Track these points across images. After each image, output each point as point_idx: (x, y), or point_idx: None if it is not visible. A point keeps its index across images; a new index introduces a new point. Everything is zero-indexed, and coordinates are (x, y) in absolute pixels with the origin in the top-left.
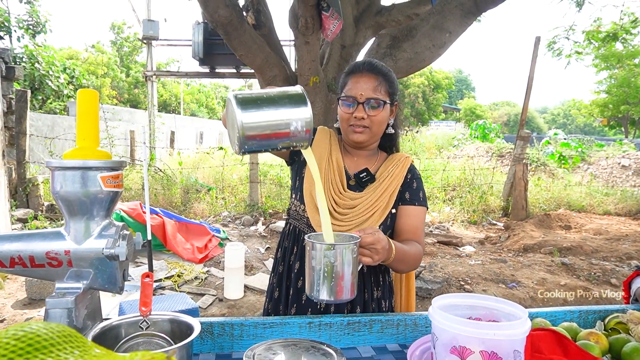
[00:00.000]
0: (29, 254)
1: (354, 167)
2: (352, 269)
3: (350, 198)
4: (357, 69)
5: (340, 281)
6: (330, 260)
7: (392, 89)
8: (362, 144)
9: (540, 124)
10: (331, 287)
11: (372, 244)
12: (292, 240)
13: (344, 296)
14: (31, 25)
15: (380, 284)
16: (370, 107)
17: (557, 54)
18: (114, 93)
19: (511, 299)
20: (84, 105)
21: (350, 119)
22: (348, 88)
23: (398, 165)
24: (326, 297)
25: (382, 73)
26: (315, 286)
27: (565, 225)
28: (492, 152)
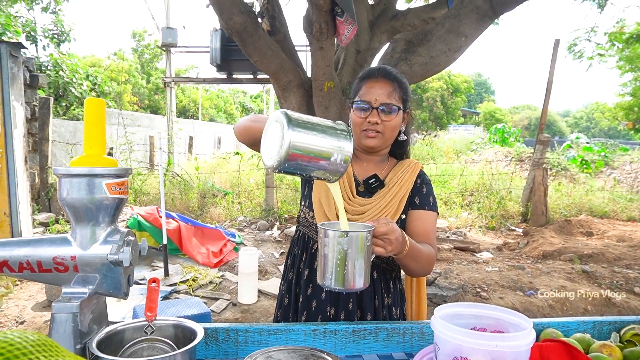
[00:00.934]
0: (37, 259)
1: (363, 173)
2: (364, 258)
3: (359, 204)
4: (371, 75)
5: (352, 269)
6: (343, 247)
7: (406, 96)
8: (374, 149)
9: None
10: (343, 276)
11: (385, 234)
12: (302, 247)
13: (356, 285)
14: (56, 34)
15: (391, 291)
16: (384, 113)
17: (578, 56)
18: (135, 99)
19: (529, 307)
20: (91, 113)
21: (363, 124)
22: (362, 93)
23: (407, 171)
24: (338, 285)
25: (396, 79)
26: (327, 274)
27: (586, 232)
28: (511, 156)
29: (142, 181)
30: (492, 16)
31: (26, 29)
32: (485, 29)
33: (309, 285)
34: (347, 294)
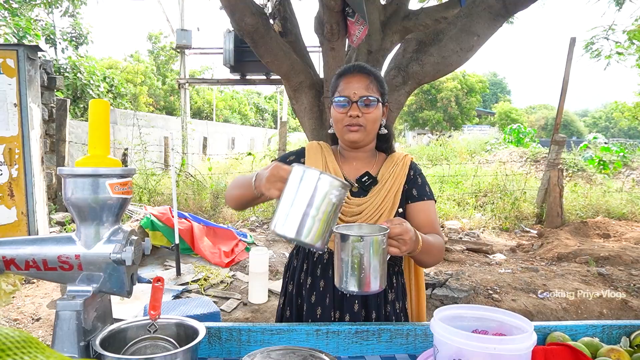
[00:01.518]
0: (42, 258)
1: (355, 172)
2: (380, 260)
3: (355, 204)
4: (347, 71)
5: (369, 272)
6: (360, 251)
7: (383, 89)
8: (358, 143)
9: (580, 127)
10: (360, 279)
11: (400, 234)
12: (302, 258)
13: (372, 287)
14: (74, 37)
15: (394, 286)
16: (364, 106)
17: (595, 55)
18: (151, 100)
19: (542, 309)
20: (95, 115)
21: (345, 119)
22: (340, 89)
23: (398, 164)
24: (355, 288)
25: (372, 73)
26: (344, 278)
27: (603, 234)
28: (526, 157)
29: (156, 181)
30: (505, 15)
31: (46, 32)
32: (498, 29)
33: (313, 293)
34: (351, 295)
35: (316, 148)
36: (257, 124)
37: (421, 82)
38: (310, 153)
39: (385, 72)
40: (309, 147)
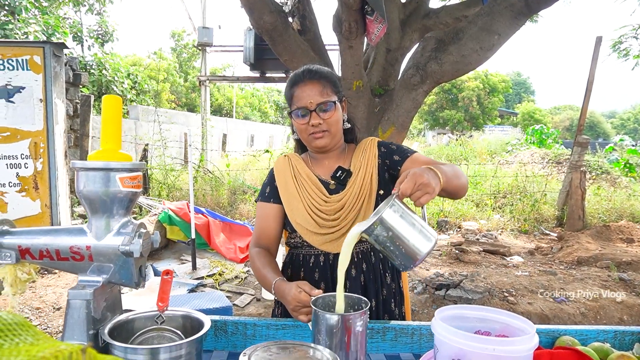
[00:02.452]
0: (56, 248)
1: (328, 171)
2: (412, 222)
3: (335, 201)
4: (298, 80)
5: (409, 243)
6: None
7: (336, 87)
8: (327, 147)
9: (607, 129)
10: (407, 253)
11: (415, 186)
12: (296, 268)
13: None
14: (100, 34)
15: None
16: (322, 112)
17: (623, 54)
18: (173, 97)
19: (559, 314)
20: (108, 110)
21: (307, 128)
22: (296, 100)
23: (366, 148)
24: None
25: (323, 76)
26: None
27: (626, 238)
28: (548, 158)
29: (175, 177)
30: (527, 14)
31: (73, 30)
32: (520, 27)
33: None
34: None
35: (283, 163)
36: (276, 122)
37: (439, 82)
38: (278, 172)
39: (404, 71)
40: (275, 166)
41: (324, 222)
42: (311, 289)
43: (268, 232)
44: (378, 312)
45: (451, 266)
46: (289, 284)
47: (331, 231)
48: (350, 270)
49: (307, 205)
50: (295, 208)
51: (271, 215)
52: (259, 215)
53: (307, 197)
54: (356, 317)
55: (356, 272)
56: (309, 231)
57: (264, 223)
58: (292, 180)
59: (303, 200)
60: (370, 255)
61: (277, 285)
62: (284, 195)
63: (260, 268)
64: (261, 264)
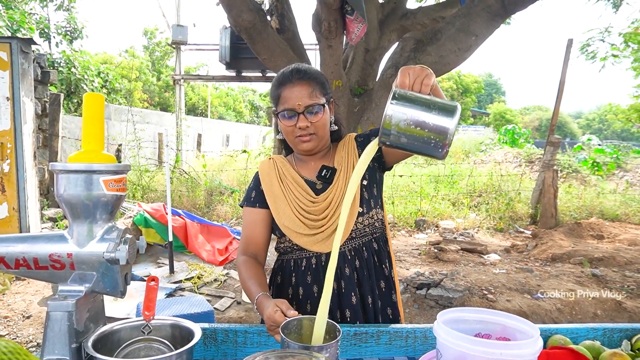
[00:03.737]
0: (33, 256)
1: (314, 171)
2: (425, 102)
3: (322, 200)
4: (286, 80)
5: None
6: (402, 119)
7: (325, 89)
8: (314, 150)
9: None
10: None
11: (411, 73)
12: (287, 274)
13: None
14: (69, 31)
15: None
16: (310, 114)
17: (591, 57)
18: (145, 96)
19: (537, 310)
20: (90, 109)
21: (294, 131)
22: (284, 100)
23: (346, 144)
24: (446, 139)
25: (312, 77)
26: (431, 144)
27: (597, 235)
28: (521, 157)
29: (150, 178)
30: (504, 15)
31: (40, 26)
32: (496, 29)
33: (307, 302)
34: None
35: (268, 166)
36: (251, 122)
37: None
38: (263, 175)
39: (383, 71)
40: (260, 169)
41: (312, 222)
42: (288, 309)
43: (256, 238)
44: (375, 306)
45: (431, 265)
46: (269, 301)
47: (320, 231)
48: (343, 269)
49: (293, 208)
50: (282, 211)
51: (258, 221)
52: (245, 222)
53: (293, 199)
54: (323, 348)
55: (350, 270)
56: (297, 233)
57: (251, 229)
58: (278, 182)
59: (290, 202)
60: (363, 250)
61: (258, 301)
62: (270, 199)
63: (245, 279)
64: (247, 275)
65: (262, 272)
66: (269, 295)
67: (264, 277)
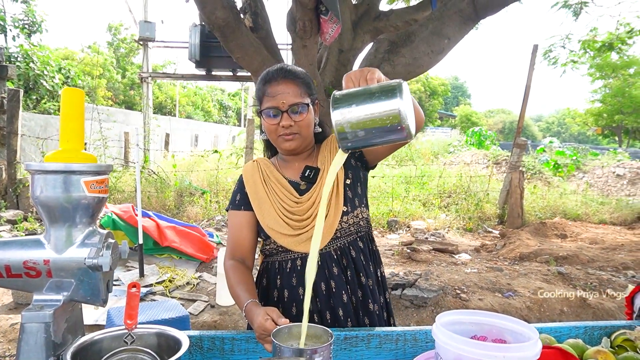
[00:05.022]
0: (5, 263)
1: (298, 172)
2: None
3: (306, 200)
4: (272, 78)
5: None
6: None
7: (310, 89)
8: (297, 150)
9: (534, 132)
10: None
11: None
12: (272, 276)
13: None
14: (27, 24)
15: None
16: (294, 113)
17: (553, 62)
18: (110, 94)
19: (508, 308)
20: (68, 105)
21: (278, 129)
22: (268, 98)
23: (328, 144)
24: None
25: (298, 77)
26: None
27: (561, 234)
28: (488, 159)
29: (116, 178)
30: (475, 19)
31: None
32: (468, 32)
33: (293, 305)
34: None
35: (251, 169)
36: (220, 121)
37: None
38: (247, 178)
39: None
40: (244, 172)
41: (296, 223)
42: (279, 317)
43: (242, 242)
44: (366, 305)
45: (404, 265)
46: (259, 309)
47: (304, 231)
48: (331, 268)
49: (277, 209)
50: (266, 212)
51: (244, 223)
52: (231, 225)
53: (277, 201)
54: (317, 351)
55: (338, 270)
56: (281, 234)
57: (237, 232)
58: (262, 185)
59: (273, 204)
60: (349, 249)
61: (247, 308)
62: (254, 201)
63: (234, 285)
64: (235, 280)
65: (251, 277)
66: (258, 302)
67: (253, 282)
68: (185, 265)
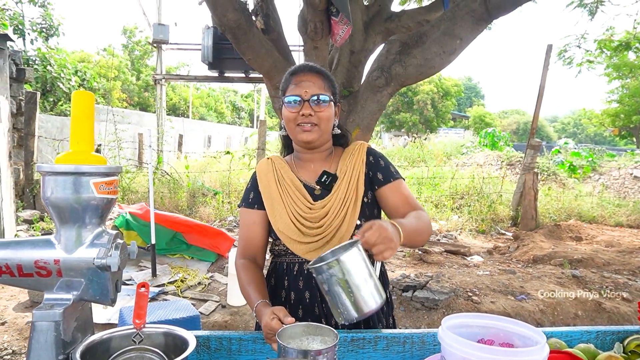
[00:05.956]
0: (17, 263)
1: (313, 175)
2: (366, 275)
3: (320, 207)
4: (299, 70)
5: (360, 292)
6: (338, 275)
7: (334, 89)
8: (312, 143)
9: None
10: (354, 303)
11: (379, 236)
12: (280, 276)
13: (371, 305)
14: (44, 28)
15: None
16: (316, 104)
17: (568, 62)
18: (124, 96)
19: (520, 311)
20: (78, 107)
21: (297, 118)
22: (292, 88)
23: (354, 153)
24: (355, 313)
25: (323, 73)
26: (338, 309)
27: (575, 237)
28: (501, 160)
29: (130, 179)
30: (488, 19)
31: (14, 22)
32: (480, 33)
33: (299, 307)
34: None
35: (266, 167)
36: (233, 122)
37: (404, 84)
38: (260, 176)
39: (368, 73)
40: (258, 169)
41: (307, 230)
42: (285, 316)
43: (254, 241)
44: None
45: (415, 267)
46: (267, 309)
47: (315, 239)
48: None
49: (290, 212)
50: (278, 215)
51: (256, 222)
52: (243, 223)
53: (290, 204)
54: (321, 352)
55: None
56: (291, 239)
57: (249, 231)
58: (276, 184)
59: (286, 206)
60: None
61: (257, 309)
62: (267, 201)
63: (245, 284)
64: (246, 280)
65: (262, 276)
66: (268, 302)
67: (264, 282)
68: (197, 266)
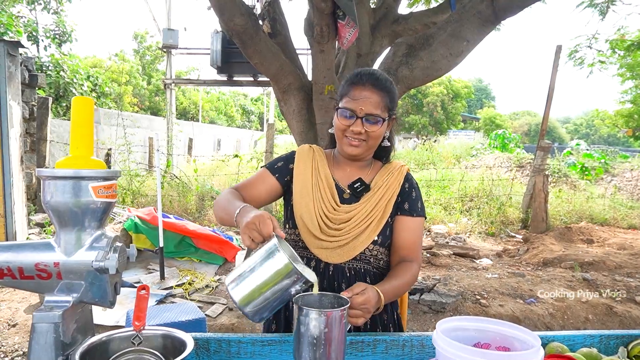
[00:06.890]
0: (18, 265)
1: (347, 178)
2: (340, 336)
3: (345, 211)
4: (360, 81)
5: (329, 349)
6: (320, 327)
7: (392, 104)
8: (357, 157)
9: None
10: (318, 356)
11: (363, 303)
12: None
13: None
14: (58, 34)
15: None
16: (368, 123)
17: (579, 63)
18: (135, 100)
19: (529, 315)
20: (78, 113)
21: (347, 131)
22: (348, 100)
23: (393, 173)
24: None
25: (384, 88)
26: (301, 352)
27: (587, 239)
28: (511, 162)
29: (140, 182)
30: (495, 21)
31: (28, 29)
32: (487, 34)
33: None
34: None
35: (307, 153)
36: (243, 126)
37: (411, 87)
38: (299, 158)
39: None
40: (299, 152)
41: (327, 228)
42: (279, 228)
43: (254, 195)
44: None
45: (423, 270)
46: (258, 211)
47: (330, 240)
48: (340, 283)
49: (316, 206)
50: (305, 204)
51: (267, 185)
52: (256, 177)
53: (318, 198)
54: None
55: (346, 286)
56: (309, 232)
57: (256, 186)
58: (311, 174)
59: (314, 199)
60: (362, 273)
61: (244, 209)
62: (297, 185)
63: (229, 199)
64: (232, 197)
65: None
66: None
67: None
68: (204, 268)
